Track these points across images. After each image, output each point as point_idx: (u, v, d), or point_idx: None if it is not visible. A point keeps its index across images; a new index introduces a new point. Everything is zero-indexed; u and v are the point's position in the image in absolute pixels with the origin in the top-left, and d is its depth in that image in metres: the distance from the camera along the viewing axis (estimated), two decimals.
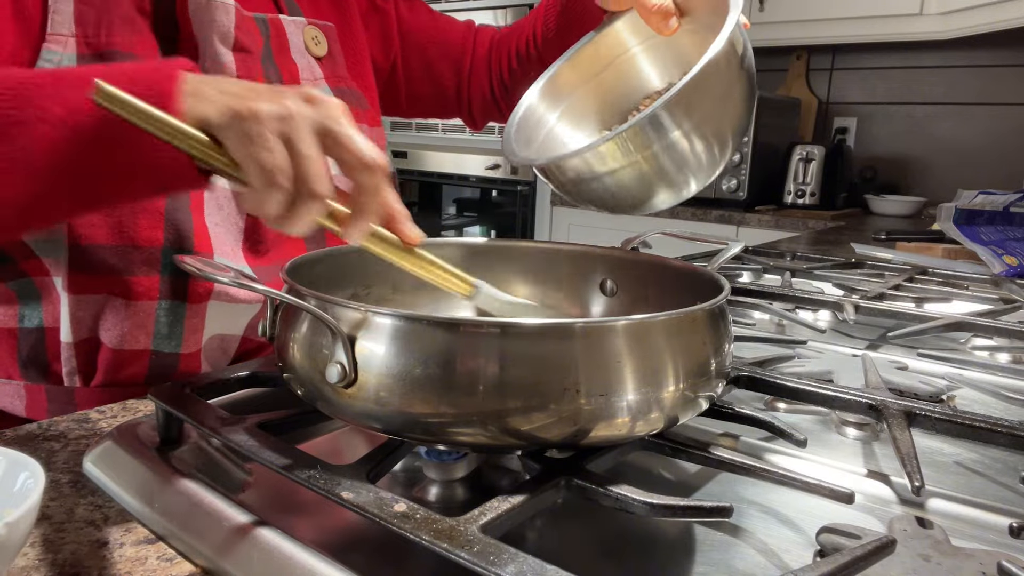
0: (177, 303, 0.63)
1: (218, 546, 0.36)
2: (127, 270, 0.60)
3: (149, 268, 0.61)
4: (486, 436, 0.36)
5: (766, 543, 0.39)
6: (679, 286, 0.54)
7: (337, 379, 0.37)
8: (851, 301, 0.84)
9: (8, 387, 0.64)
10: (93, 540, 0.38)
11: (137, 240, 0.60)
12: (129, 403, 0.56)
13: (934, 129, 2.47)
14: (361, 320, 0.37)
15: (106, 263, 0.60)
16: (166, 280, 0.62)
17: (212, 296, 0.64)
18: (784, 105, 2.49)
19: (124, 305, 0.61)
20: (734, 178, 2.31)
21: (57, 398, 0.64)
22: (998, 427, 0.46)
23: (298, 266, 0.48)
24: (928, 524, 0.38)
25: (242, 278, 0.40)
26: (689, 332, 0.40)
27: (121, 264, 0.60)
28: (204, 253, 0.62)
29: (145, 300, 0.61)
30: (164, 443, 0.46)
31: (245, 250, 0.67)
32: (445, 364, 0.36)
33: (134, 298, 0.61)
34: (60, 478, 0.44)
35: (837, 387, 0.53)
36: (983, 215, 1.45)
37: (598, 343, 0.36)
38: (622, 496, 0.36)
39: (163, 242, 0.61)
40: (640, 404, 0.37)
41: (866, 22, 2.25)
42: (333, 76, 0.75)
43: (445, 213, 3.23)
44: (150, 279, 0.61)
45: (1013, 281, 1.08)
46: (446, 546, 0.30)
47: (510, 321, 0.38)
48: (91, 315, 0.61)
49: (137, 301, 0.61)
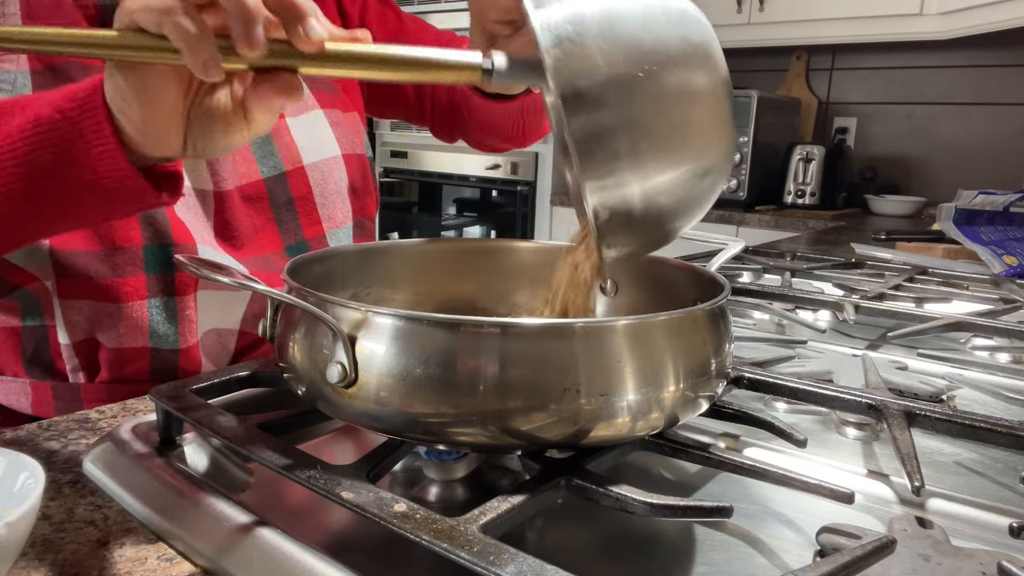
0: (167, 299, 0.63)
1: (218, 546, 0.36)
2: (113, 272, 0.60)
3: (134, 268, 0.61)
4: (486, 436, 0.36)
5: (766, 543, 0.39)
6: (679, 286, 0.54)
7: (337, 379, 0.37)
8: (851, 301, 0.84)
9: (14, 385, 0.65)
10: (93, 540, 0.38)
11: (116, 241, 0.60)
12: (129, 403, 0.56)
13: (934, 129, 2.47)
14: (362, 320, 0.37)
15: (91, 267, 0.60)
16: (152, 278, 0.62)
17: (199, 287, 0.64)
18: (784, 105, 2.49)
19: (116, 308, 0.61)
20: (734, 178, 2.31)
21: (63, 395, 0.64)
22: (998, 427, 0.46)
23: (298, 266, 0.48)
24: (928, 524, 0.38)
25: (241, 278, 0.40)
26: (689, 332, 0.40)
27: (106, 267, 0.60)
28: (186, 245, 0.62)
29: (135, 300, 0.62)
30: (164, 443, 0.46)
31: (220, 244, 0.67)
32: (445, 364, 0.36)
33: (124, 300, 0.61)
34: (60, 478, 0.44)
35: (837, 387, 0.53)
36: (983, 215, 1.45)
37: (598, 343, 0.36)
38: (622, 496, 0.36)
39: (142, 240, 0.61)
40: (640, 404, 0.37)
41: (866, 22, 2.25)
42: None
43: (445, 213, 3.23)
44: (136, 279, 0.61)
45: (1013, 281, 1.08)
46: (446, 546, 0.30)
47: (510, 321, 0.38)
48: (85, 319, 0.61)
49: (128, 302, 0.61)
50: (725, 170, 0.40)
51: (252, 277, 0.42)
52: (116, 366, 0.63)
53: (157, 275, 0.62)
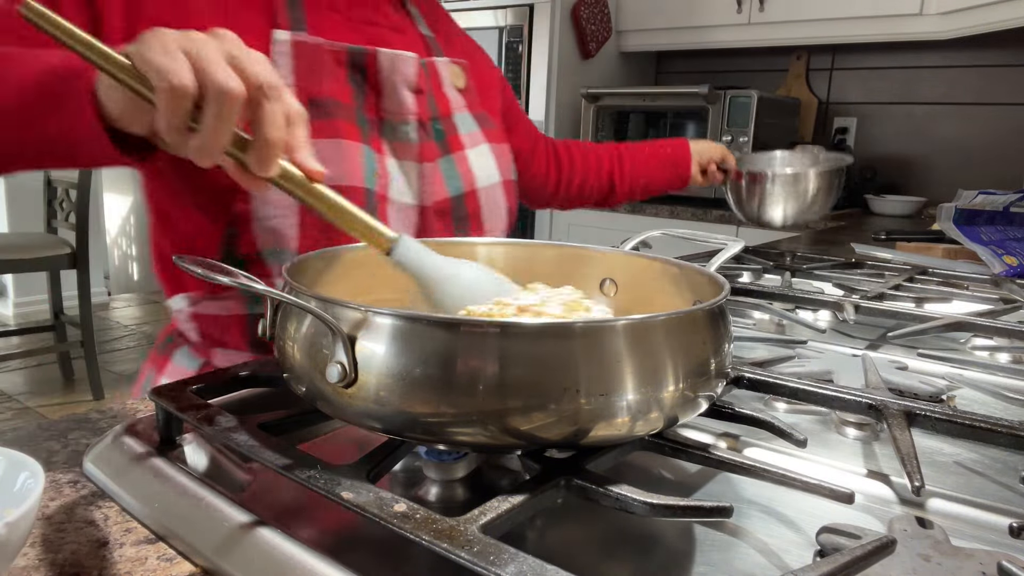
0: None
1: (218, 546, 0.36)
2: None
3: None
4: (486, 436, 0.36)
5: (766, 543, 0.39)
6: (679, 286, 0.54)
7: (337, 379, 0.37)
8: (851, 301, 0.84)
9: (237, 356, 0.76)
10: (93, 540, 0.38)
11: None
12: (129, 403, 0.56)
13: (934, 129, 2.47)
14: (361, 320, 0.37)
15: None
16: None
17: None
18: (784, 105, 2.49)
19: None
20: None
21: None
22: (998, 427, 0.46)
23: (297, 266, 0.48)
24: (928, 524, 0.38)
25: (242, 278, 0.40)
26: (689, 332, 0.40)
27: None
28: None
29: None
30: (164, 443, 0.46)
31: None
32: (445, 364, 0.36)
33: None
34: (60, 478, 0.44)
35: (837, 387, 0.53)
36: (983, 215, 1.45)
37: (598, 343, 0.36)
38: (622, 496, 0.36)
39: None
40: (640, 404, 0.37)
41: (866, 22, 2.25)
42: (472, 104, 0.88)
43: None
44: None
45: (1013, 281, 1.08)
46: (446, 546, 0.30)
47: (510, 321, 0.38)
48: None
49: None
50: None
51: (252, 277, 0.42)
52: None
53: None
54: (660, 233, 0.79)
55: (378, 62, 0.75)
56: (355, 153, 0.71)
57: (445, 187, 0.80)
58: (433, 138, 0.80)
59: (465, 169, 0.83)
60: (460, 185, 0.82)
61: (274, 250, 0.70)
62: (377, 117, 0.76)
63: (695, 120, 2.42)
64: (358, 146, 0.72)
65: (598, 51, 2.72)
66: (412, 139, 0.77)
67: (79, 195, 2.76)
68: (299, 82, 0.70)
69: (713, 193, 2.35)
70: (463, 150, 0.84)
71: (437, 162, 0.80)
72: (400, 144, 0.76)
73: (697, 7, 2.55)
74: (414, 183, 0.78)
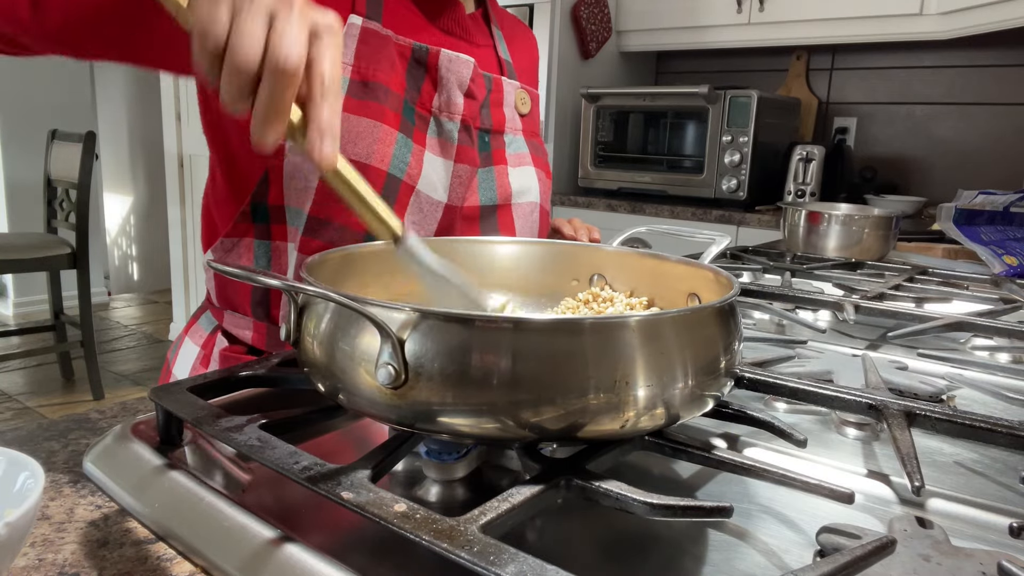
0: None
1: (218, 546, 0.36)
2: (341, 243, 0.70)
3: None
4: (498, 428, 0.37)
5: (766, 543, 0.39)
6: (679, 285, 0.54)
7: (388, 381, 0.37)
8: (851, 301, 0.84)
9: (243, 320, 0.80)
10: (93, 540, 0.38)
11: (350, 226, 0.73)
12: (129, 403, 0.56)
13: (934, 129, 2.47)
14: (409, 321, 0.37)
15: (334, 239, 0.73)
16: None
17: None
18: (784, 105, 2.49)
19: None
20: (734, 178, 2.32)
21: (274, 336, 0.78)
22: (998, 427, 0.46)
23: (315, 265, 0.48)
24: (928, 524, 0.38)
25: (283, 279, 0.39)
26: (700, 329, 0.40)
27: (337, 238, 0.73)
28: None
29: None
30: (164, 443, 0.46)
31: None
32: (495, 362, 0.36)
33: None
34: (60, 478, 0.44)
35: (837, 387, 0.53)
36: (983, 215, 1.45)
37: (609, 338, 0.36)
38: (622, 496, 0.36)
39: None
40: (649, 400, 0.37)
41: (866, 22, 2.25)
42: (529, 131, 0.91)
43: None
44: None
45: (1013, 281, 1.08)
46: (446, 546, 0.30)
47: (522, 317, 0.38)
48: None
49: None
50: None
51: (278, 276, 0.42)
52: None
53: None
54: (647, 229, 0.79)
55: (438, 59, 0.77)
56: (389, 138, 0.73)
57: (477, 195, 0.83)
58: (477, 146, 0.82)
59: (503, 183, 0.85)
60: (494, 196, 0.84)
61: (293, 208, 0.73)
62: (428, 113, 0.78)
63: (695, 120, 2.42)
64: (394, 133, 0.73)
65: (598, 51, 2.72)
66: (454, 139, 0.79)
67: (79, 195, 2.77)
68: (357, 63, 0.73)
69: (713, 193, 2.36)
70: (505, 165, 0.87)
71: (476, 170, 0.82)
72: (443, 142, 0.78)
73: (697, 7, 2.55)
74: (447, 181, 0.79)
